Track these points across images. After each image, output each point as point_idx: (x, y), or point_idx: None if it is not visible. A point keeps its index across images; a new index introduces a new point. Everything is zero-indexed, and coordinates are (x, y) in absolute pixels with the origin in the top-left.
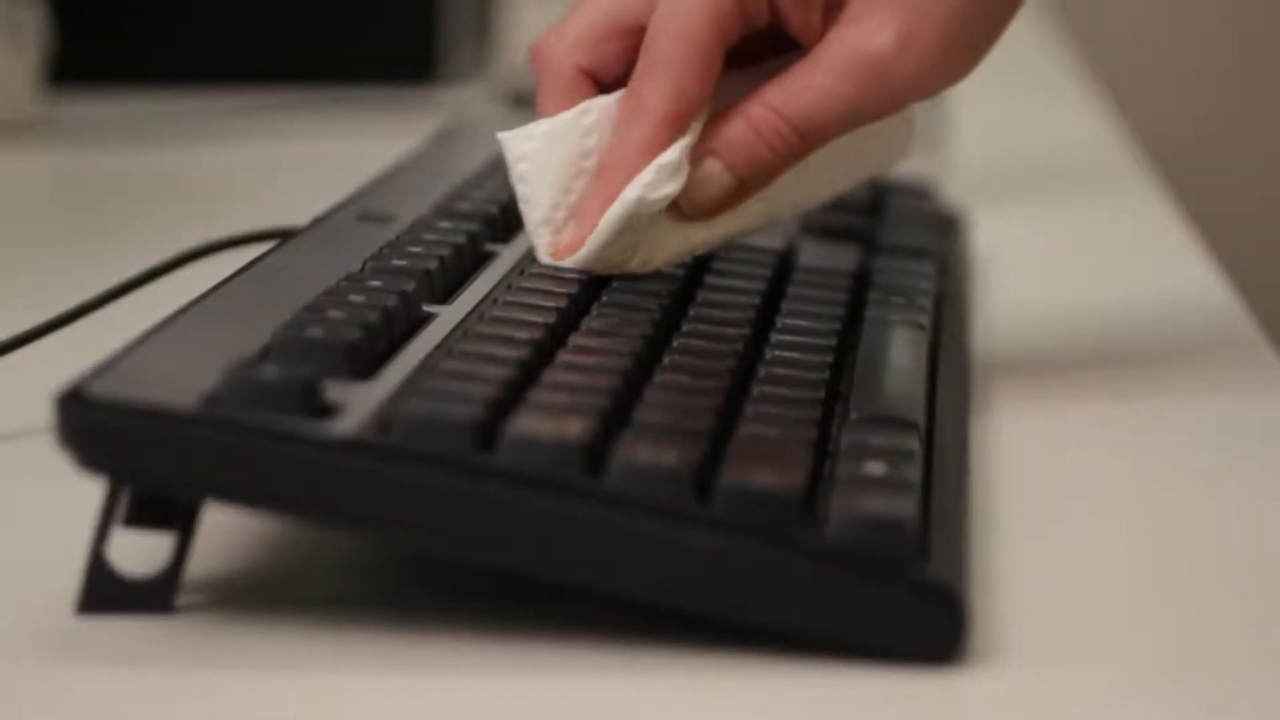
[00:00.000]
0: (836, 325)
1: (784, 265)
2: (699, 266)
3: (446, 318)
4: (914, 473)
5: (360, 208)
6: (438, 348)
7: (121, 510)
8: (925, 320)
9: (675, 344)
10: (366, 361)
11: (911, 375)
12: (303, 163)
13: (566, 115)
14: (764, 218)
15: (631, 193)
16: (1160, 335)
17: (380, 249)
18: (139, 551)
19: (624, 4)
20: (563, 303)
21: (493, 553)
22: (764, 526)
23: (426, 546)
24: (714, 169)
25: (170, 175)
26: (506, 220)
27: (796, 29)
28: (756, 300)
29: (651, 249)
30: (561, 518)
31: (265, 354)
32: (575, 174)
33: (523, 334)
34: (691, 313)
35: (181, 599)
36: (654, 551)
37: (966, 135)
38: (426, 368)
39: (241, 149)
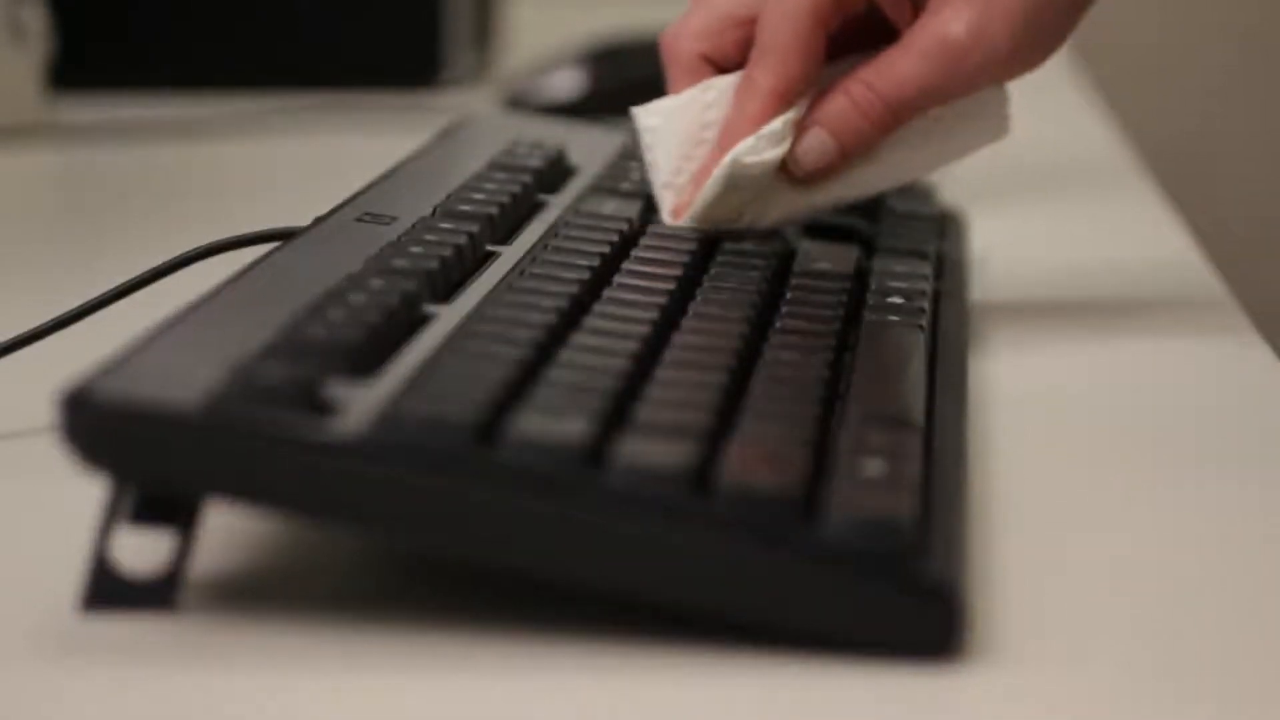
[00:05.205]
0: (836, 325)
1: (784, 266)
2: (699, 266)
3: (447, 318)
4: (913, 472)
5: (361, 208)
6: (439, 348)
7: (124, 509)
8: (924, 320)
9: (675, 343)
10: (368, 361)
11: (910, 375)
12: (305, 166)
13: (690, 92)
14: (866, 186)
15: (728, 156)
16: (1158, 335)
17: (381, 249)
18: (142, 550)
19: (739, 0)
20: (563, 303)
21: (493, 553)
22: (763, 526)
23: (427, 546)
24: (818, 137)
25: (172, 178)
26: (507, 221)
27: (891, 15)
28: (756, 300)
29: (761, 210)
30: (561, 518)
31: (267, 353)
32: (696, 143)
33: (523, 334)
34: (691, 312)
35: (184, 597)
36: (653, 551)
37: None
38: (427, 367)
39: (243, 152)
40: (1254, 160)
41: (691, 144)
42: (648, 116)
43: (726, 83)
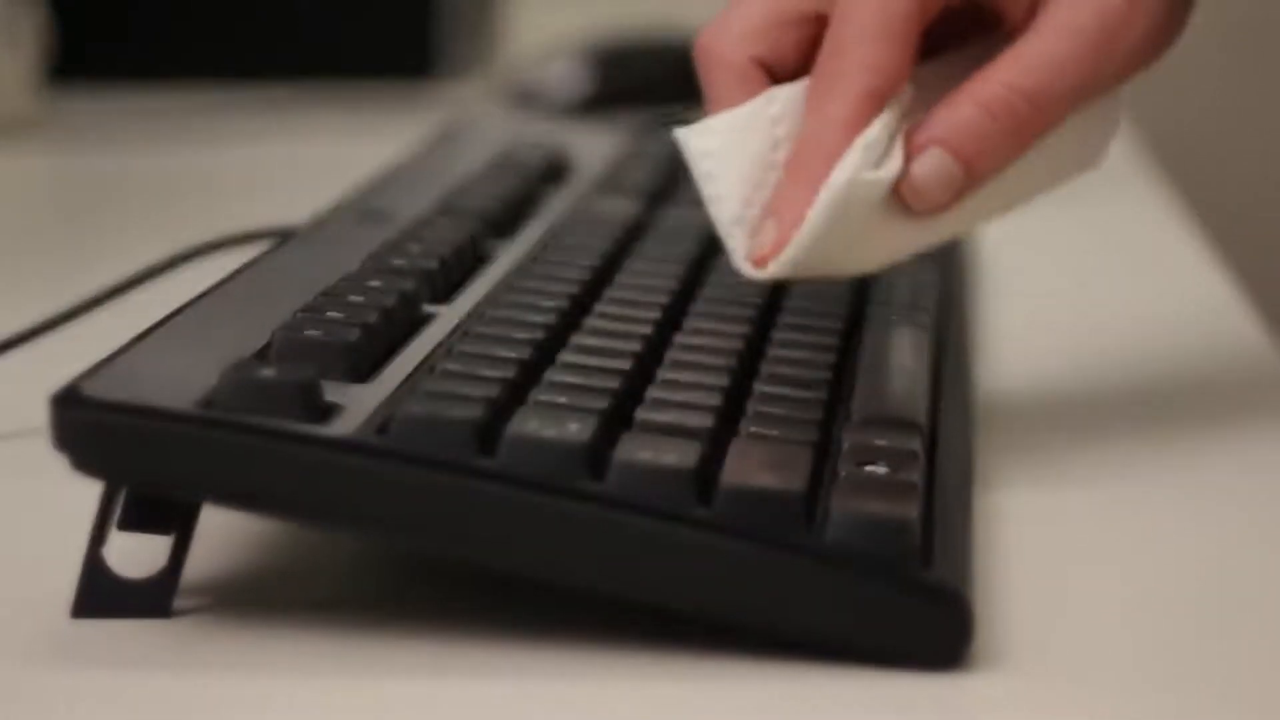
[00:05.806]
0: (838, 326)
1: None
2: (701, 266)
3: (446, 318)
4: (916, 474)
5: (360, 207)
6: (437, 348)
7: (118, 512)
8: (927, 321)
9: (676, 343)
10: (365, 362)
11: (913, 376)
12: (301, 160)
13: (750, 105)
14: (985, 215)
15: (841, 175)
16: (1164, 333)
17: (380, 248)
18: (136, 554)
19: None
20: (563, 303)
21: (493, 554)
22: (765, 528)
23: (426, 547)
24: (940, 158)
25: (168, 174)
26: (507, 219)
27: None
28: (758, 300)
29: (866, 248)
30: (561, 518)
31: (264, 354)
32: (767, 167)
33: (523, 334)
34: (692, 313)
35: (179, 602)
36: (654, 552)
37: None
38: (426, 368)
39: (240, 147)
40: (1259, 157)
41: (762, 168)
42: (700, 138)
43: (793, 91)
